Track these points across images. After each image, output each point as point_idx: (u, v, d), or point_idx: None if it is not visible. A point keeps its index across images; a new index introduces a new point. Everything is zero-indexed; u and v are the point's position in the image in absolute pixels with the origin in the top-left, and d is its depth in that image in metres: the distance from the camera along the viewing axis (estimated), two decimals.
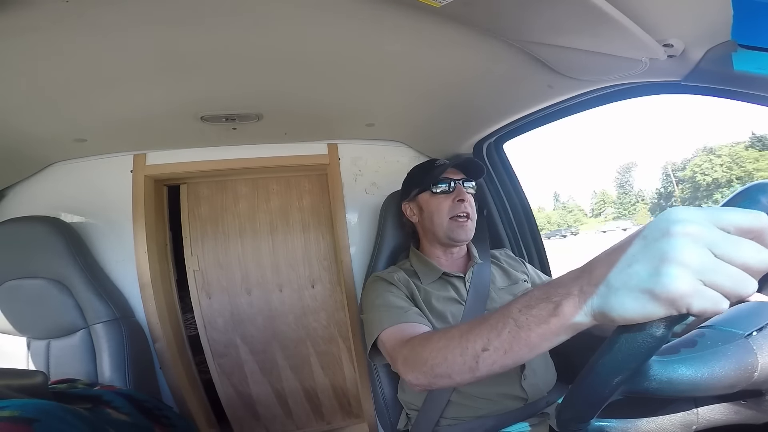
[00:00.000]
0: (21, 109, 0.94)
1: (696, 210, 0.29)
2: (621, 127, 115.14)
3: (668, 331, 0.32)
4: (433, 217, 0.94)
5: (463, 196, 0.93)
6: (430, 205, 0.95)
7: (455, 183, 0.95)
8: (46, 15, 0.62)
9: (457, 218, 0.92)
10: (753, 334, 0.37)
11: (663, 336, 0.32)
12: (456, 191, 0.94)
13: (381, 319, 0.75)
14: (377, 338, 0.74)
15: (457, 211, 0.92)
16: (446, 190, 0.94)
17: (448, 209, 0.93)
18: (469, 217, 0.93)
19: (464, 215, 0.92)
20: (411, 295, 0.86)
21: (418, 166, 1.05)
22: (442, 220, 0.93)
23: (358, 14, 0.70)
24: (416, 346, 0.58)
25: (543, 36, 0.71)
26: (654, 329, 0.32)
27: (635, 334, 0.33)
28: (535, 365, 0.84)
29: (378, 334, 0.73)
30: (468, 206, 0.94)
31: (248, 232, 1.70)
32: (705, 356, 0.36)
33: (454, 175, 0.96)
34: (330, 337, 1.73)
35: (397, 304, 0.79)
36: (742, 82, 0.62)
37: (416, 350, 0.58)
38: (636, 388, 0.35)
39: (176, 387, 1.39)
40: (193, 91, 0.97)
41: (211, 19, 0.68)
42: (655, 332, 0.32)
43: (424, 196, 0.97)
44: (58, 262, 1.15)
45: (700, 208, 0.30)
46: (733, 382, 0.35)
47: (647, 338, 0.33)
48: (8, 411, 0.61)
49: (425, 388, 0.63)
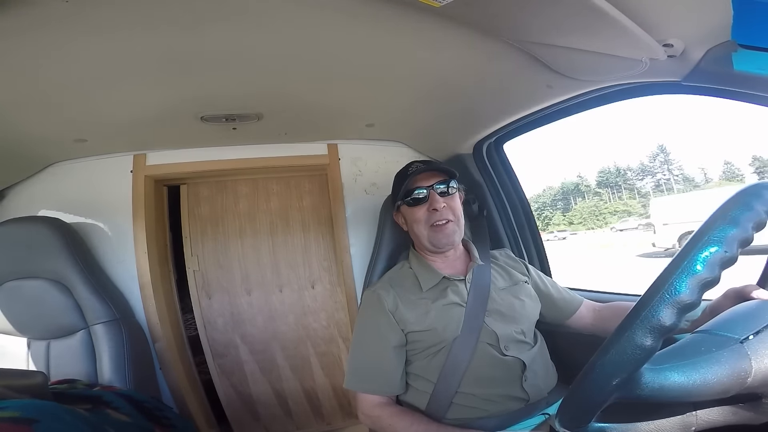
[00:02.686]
0: (21, 109, 0.94)
1: None
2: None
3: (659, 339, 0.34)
4: (414, 227, 0.93)
5: (436, 204, 0.88)
6: (409, 216, 0.94)
7: (428, 190, 0.90)
8: (46, 15, 0.62)
9: (436, 225, 0.89)
10: (749, 338, 0.37)
11: (661, 338, 0.33)
12: (429, 200, 0.90)
13: (363, 378, 0.86)
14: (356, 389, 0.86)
15: (433, 219, 0.89)
16: (420, 199, 0.90)
17: (425, 219, 0.90)
18: (449, 221, 0.90)
19: (442, 221, 0.89)
20: (402, 319, 0.85)
21: (398, 174, 0.99)
22: (422, 230, 0.91)
23: (358, 14, 0.70)
24: (385, 418, 0.79)
25: (543, 36, 0.71)
26: (645, 338, 0.33)
27: (633, 336, 0.34)
28: (536, 366, 0.83)
29: (357, 390, 0.86)
30: (446, 212, 0.89)
31: (248, 233, 1.70)
32: (697, 363, 0.36)
33: (426, 181, 0.91)
34: (330, 338, 1.73)
35: (381, 366, 0.84)
36: (742, 82, 0.62)
37: (382, 422, 0.79)
38: (629, 395, 0.35)
39: (176, 387, 1.39)
40: (193, 91, 0.97)
41: (211, 19, 0.69)
42: (645, 342, 0.33)
43: (404, 208, 0.95)
44: (58, 262, 1.15)
45: None
46: (725, 388, 0.35)
47: (644, 341, 0.33)
48: (8, 411, 0.61)
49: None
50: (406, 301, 0.88)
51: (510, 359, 0.81)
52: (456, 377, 0.80)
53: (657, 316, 0.34)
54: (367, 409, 0.83)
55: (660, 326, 0.33)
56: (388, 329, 0.85)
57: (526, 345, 0.85)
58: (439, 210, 0.89)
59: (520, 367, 0.81)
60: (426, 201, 0.90)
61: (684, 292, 0.34)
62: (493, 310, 0.86)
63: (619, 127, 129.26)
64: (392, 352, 0.84)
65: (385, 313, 0.86)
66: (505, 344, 0.82)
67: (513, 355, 0.81)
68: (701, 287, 0.34)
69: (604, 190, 51.32)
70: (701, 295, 0.34)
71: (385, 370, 0.84)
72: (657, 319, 0.34)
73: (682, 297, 0.34)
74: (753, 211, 0.36)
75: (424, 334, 0.83)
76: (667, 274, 0.35)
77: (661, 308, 0.34)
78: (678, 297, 0.34)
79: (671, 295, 0.34)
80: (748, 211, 0.35)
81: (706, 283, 0.34)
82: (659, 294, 0.34)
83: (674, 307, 0.34)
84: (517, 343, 0.84)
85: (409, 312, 0.85)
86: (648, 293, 0.36)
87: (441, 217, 0.89)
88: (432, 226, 0.90)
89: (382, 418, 0.80)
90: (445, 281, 0.90)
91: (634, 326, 0.34)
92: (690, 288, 0.34)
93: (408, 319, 0.85)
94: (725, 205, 0.37)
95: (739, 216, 0.36)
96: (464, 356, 0.80)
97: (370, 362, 0.86)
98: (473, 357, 0.80)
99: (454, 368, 0.80)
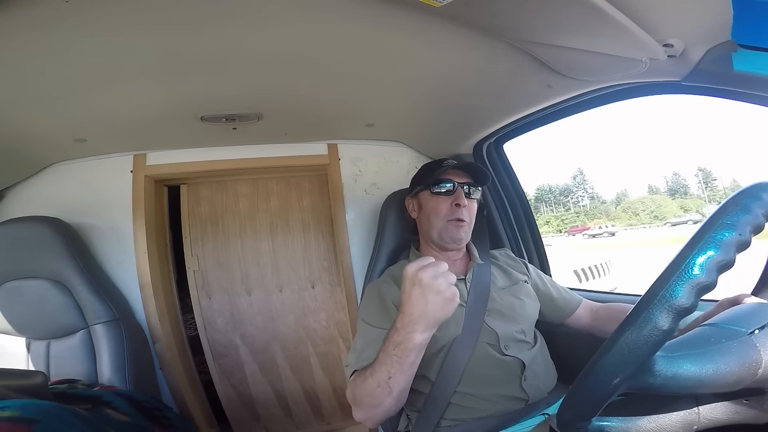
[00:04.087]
0: (21, 109, 0.94)
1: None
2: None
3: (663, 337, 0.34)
4: (430, 217, 0.93)
5: (461, 200, 0.90)
6: (429, 204, 0.94)
7: (456, 185, 0.92)
8: (47, 15, 0.62)
9: (454, 222, 0.90)
10: (755, 332, 0.37)
11: (658, 340, 0.33)
12: (456, 194, 0.91)
13: (358, 360, 0.79)
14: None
15: (454, 215, 0.90)
16: (446, 192, 0.92)
17: (445, 212, 0.91)
18: (465, 223, 0.90)
19: (461, 220, 0.90)
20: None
21: (427, 164, 1.04)
22: (438, 221, 0.92)
23: (358, 14, 0.70)
24: (355, 390, 0.72)
25: (543, 36, 0.71)
26: (651, 334, 0.33)
27: (633, 336, 0.34)
28: (536, 366, 0.83)
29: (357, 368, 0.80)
30: (465, 212, 0.90)
31: (248, 233, 1.70)
32: (710, 352, 0.36)
33: (458, 177, 0.93)
34: (330, 338, 1.73)
35: (377, 349, 0.76)
36: (742, 82, 0.62)
37: (354, 393, 0.72)
38: (640, 385, 0.35)
39: (176, 387, 1.39)
40: (193, 91, 0.97)
41: (211, 19, 0.69)
42: (663, 325, 0.33)
43: (425, 194, 0.96)
44: (58, 262, 1.15)
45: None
46: (737, 379, 0.35)
47: (642, 342, 0.33)
48: (8, 411, 0.61)
49: (369, 423, 0.74)
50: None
51: (509, 359, 0.81)
52: (455, 377, 0.80)
53: (654, 320, 0.34)
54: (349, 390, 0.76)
55: (677, 307, 0.34)
56: (389, 320, 0.84)
57: (526, 345, 0.85)
58: (462, 207, 0.90)
59: (519, 366, 0.81)
60: (452, 194, 0.92)
61: (701, 273, 0.34)
62: (492, 310, 0.86)
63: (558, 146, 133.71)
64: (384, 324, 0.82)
65: (387, 304, 0.86)
66: (505, 344, 0.82)
67: (513, 354, 0.81)
68: (718, 269, 0.34)
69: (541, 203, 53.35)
70: (698, 298, 0.34)
71: (367, 343, 0.79)
72: (654, 322, 0.34)
73: (699, 278, 0.34)
74: (751, 214, 0.35)
75: None
76: (664, 277, 0.35)
77: (657, 312, 0.34)
78: (674, 301, 0.34)
79: (668, 299, 0.34)
80: (746, 214, 0.35)
81: (703, 287, 0.34)
82: (656, 298, 0.35)
83: (671, 311, 0.34)
84: (517, 343, 0.84)
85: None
86: (645, 297, 0.36)
87: (460, 216, 0.90)
88: (450, 221, 0.90)
89: (355, 383, 0.73)
90: None
91: (651, 308, 0.34)
92: (707, 270, 0.34)
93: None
94: (723, 208, 0.37)
95: (751, 204, 0.35)
96: (463, 356, 0.80)
97: (368, 346, 0.80)
98: (472, 356, 0.80)
99: (453, 368, 0.80)
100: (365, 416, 0.71)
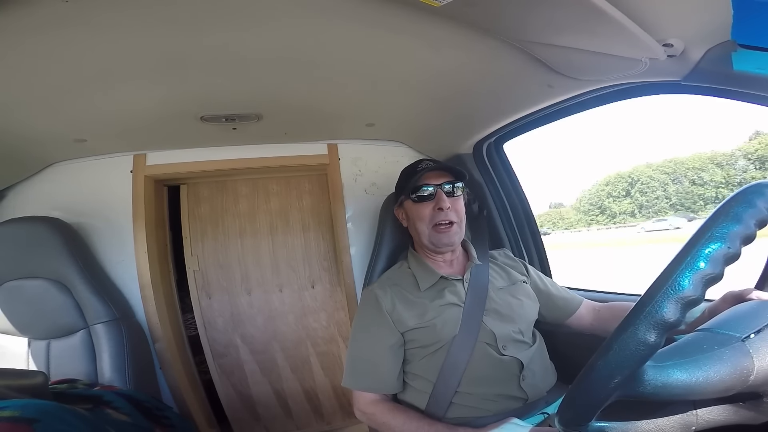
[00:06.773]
0: (21, 109, 0.94)
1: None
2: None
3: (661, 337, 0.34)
4: (416, 224, 0.92)
5: (442, 203, 0.88)
6: (412, 212, 0.93)
7: (436, 188, 0.89)
8: (46, 15, 0.62)
9: (439, 225, 0.89)
10: (750, 336, 0.37)
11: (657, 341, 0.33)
12: (437, 198, 0.89)
13: (358, 375, 0.86)
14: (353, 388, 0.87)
15: (438, 219, 0.88)
16: (428, 196, 0.89)
17: (429, 217, 0.89)
18: (453, 223, 0.89)
19: (446, 223, 0.88)
20: (399, 319, 0.85)
21: (404, 170, 0.99)
22: (424, 228, 0.90)
23: (358, 14, 0.70)
24: (378, 416, 0.80)
25: (543, 36, 0.71)
26: (647, 335, 0.33)
27: (636, 332, 0.34)
28: (534, 366, 0.84)
29: (353, 388, 0.86)
30: (451, 213, 0.88)
31: (248, 233, 1.70)
32: (700, 360, 0.36)
33: (436, 179, 0.90)
34: (330, 338, 1.73)
35: (376, 364, 0.85)
36: (742, 82, 0.62)
37: (376, 418, 0.81)
38: (631, 393, 0.35)
39: (176, 387, 1.39)
40: (193, 91, 0.97)
41: (211, 19, 0.69)
42: (649, 338, 0.33)
43: (408, 203, 0.94)
44: (58, 262, 1.15)
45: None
46: (728, 386, 0.35)
47: (647, 338, 0.33)
48: (9, 411, 0.61)
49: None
50: (404, 300, 0.88)
51: (507, 359, 0.81)
52: (455, 377, 0.80)
53: (660, 312, 0.34)
54: (363, 406, 0.84)
55: (663, 322, 0.33)
56: (385, 329, 0.85)
57: (524, 344, 0.85)
58: (445, 210, 0.88)
59: (517, 366, 0.81)
60: (432, 199, 0.90)
61: (688, 288, 0.34)
62: (491, 310, 0.86)
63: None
64: (388, 351, 0.84)
65: (382, 312, 0.86)
66: (503, 344, 0.82)
67: (511, 354, 0.81)
68: (705, 283, 0.34)
69: None
70: (705, 290, 0.34)
71: (380, 368, 0.84)
72: (660, 315, 0.34)
73: (686, 293, 0.34)
74: (755, 208, 0.36)
75: (422, 332, 0.83)
76: (670, 270, 0.35)
77: (664, 304, 0.34)
78: (682, 293, 0.34)
79: (675, 291, 0.34)
80: (750, 208, 0.36)
81: (709, 279, 0.34)
82: (663, 290, 0.34)
83: (678, 303, 0.34)
84: (515, 343, 0.84)
85: (407, 311, 0.86)
86: (651, 289, 0.36)
87: (445, 218, 0.89)
88: (435, 226, 0.89)
89: (376, 414, 0.81)
90: (442, 281, 0.90)
91: (637, 323, 0.34)
92: (694, 284, 0.34)
93: (405, 319, 0.85)
94: (728, 203, 0.37)
95: (742, 213, 0.36)
96: (463, 356, 0.80)
97: (366, 360, 0.86)
98: (472, 357, 0.80)
99: (452, 368, 0.80)
100: (370, 424, 0.80)
